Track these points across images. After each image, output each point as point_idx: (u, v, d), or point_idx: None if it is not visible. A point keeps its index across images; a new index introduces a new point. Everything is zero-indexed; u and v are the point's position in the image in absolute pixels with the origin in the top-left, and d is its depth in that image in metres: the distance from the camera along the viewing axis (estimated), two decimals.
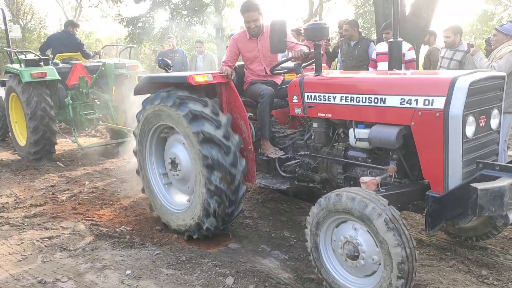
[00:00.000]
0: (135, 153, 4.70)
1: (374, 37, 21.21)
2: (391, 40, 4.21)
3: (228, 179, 3.81)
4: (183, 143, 4.11)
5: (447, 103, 2.84)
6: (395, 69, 3.91)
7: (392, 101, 3.15)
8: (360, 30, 7.33)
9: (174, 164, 4.26)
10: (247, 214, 4.87)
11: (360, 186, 3.07)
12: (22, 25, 28.55)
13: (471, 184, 2.63)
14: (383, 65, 6.35)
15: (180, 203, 4.43)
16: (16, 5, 29.62)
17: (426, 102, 2.95)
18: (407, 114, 3.06)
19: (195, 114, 3.81)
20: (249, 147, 4.14)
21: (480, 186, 2.59)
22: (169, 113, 4.00)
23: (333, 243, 3.04)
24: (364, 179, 3.08)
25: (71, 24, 8.80)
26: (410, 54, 6.28)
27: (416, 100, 3.01)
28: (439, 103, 2.88)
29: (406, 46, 6.26)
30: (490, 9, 25.50)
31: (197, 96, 3.97)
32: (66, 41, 8.45)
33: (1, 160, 7.64)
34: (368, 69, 6.70)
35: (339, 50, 7.30)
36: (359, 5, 26.81)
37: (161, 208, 4.46)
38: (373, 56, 6.63)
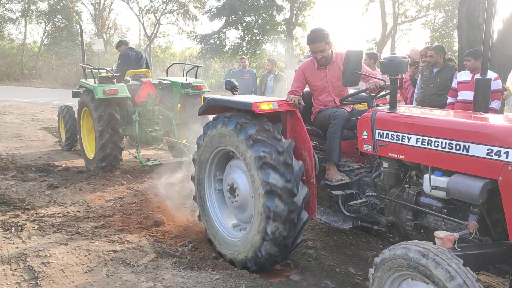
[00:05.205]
0: (193, 179, 4.64)
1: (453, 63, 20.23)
2: (478, 77, 3.84)
3: (288, 207, 3.64)
4: (243, 169, 3.99)
5: None
6: (481, 113, 3.52)
7: (477, 150, 2.78)
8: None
9: (232, 190, 4.17)
10: (310, 244, 4.69)
11: (434, 239, 2.71)
12: (106, 39, 30.49)
13: None
14: (464, 95, 5.98)
15: (237, 232, 4.30)
16: (101, 20, 31.80)
17: None
18: (494, 167, 2.68)
19: (256, 138, 3.70)
20: (311, 180, 3.91)
21: None
22: (230, 137, 3.92)
23: None
24: (439, 234, 2.69)
25: (124, 44, 9.14)
26: (496, 84, 5.83)
27: (507, 153, 2.62)
28: None
29: (491, 75, 5.83)
30: None
31: (259, 122, 3.85)
32: (134, 58, 8.69)
33: (77, 167, 8.05)
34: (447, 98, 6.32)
35: (420, 76, 6.92)
36: (436, 28, 25.70)
37: (216, 236, 4.36)
38: (454, 84, 6.24)
